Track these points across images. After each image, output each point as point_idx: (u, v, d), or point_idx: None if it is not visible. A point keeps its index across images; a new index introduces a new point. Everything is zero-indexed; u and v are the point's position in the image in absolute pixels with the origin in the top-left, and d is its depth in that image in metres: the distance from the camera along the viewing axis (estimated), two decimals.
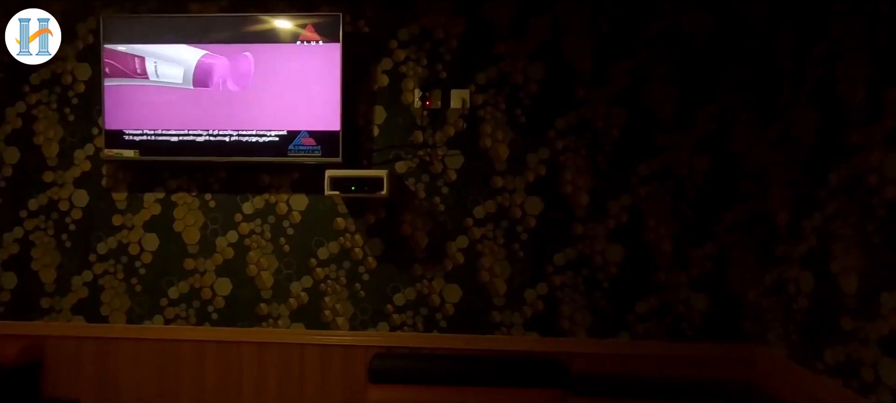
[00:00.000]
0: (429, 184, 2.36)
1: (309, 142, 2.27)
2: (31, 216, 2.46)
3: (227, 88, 2.29)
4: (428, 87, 2.35)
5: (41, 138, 2.46)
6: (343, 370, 2.36)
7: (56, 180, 2.45)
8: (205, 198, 2.42)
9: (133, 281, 2.43)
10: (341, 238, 2.39)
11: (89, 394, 2.42)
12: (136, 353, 2.41)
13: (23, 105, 2.46)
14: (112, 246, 2.44)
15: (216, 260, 2.42)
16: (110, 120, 2.32)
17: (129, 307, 2.43)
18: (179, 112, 2.30)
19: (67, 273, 2.45)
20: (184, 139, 2.31)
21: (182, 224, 2.43)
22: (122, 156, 2.32)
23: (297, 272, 2.40)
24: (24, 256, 2.46)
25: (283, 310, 2.40)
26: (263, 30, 2.29)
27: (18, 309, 2.46)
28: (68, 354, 2.43)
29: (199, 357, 2.40)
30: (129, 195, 2.44)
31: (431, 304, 2.36)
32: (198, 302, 2.42)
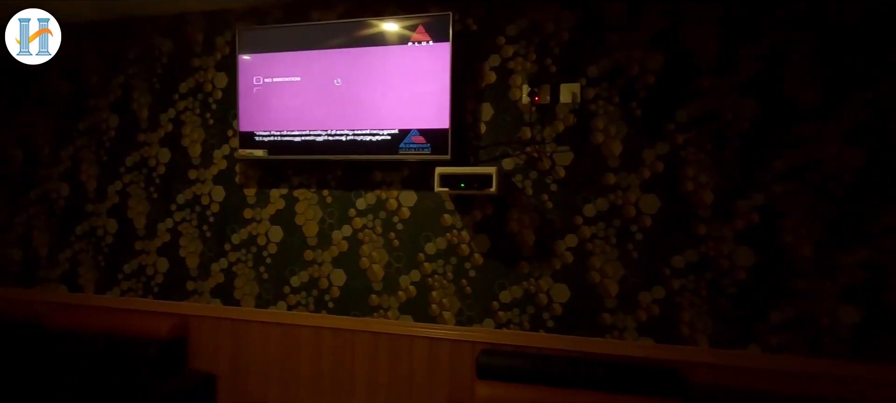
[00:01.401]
0: (536, 181, 2.20)
1: (419, 140, 2.20)
2: (179, 209, 2.64)
3: (344, 90, 2.28)
4: (536, 83, 2.18)
5: (187, 140, 2.62)
6: (450, 363, 2.27)
7: (199, 177, 2.61)
8: (322, 194, 2.45)
9: (261, 270, 2.52)
10: (448, 234, 2.30)
11: (225, 369, 2.54)
12: (263, 335, 2.50)
13: (173, 111, 2.65)
14: (244, 237, 2.54)
15: (332, 253, 2.43)
16: (243, 123, 2.41)
17: (257, 292, 2.52)
18: (302, 114, 2.34)
19: (207, 260, 2.59)
20: (306, 139, 2.34)
21: (303, 218, 2.47)
22: (253, 155, 2.41)
23: (406, 266, 2.34)
24: (173, 244, 2.64)
25: (393, 302, 2.36)
26: (376, 33, 2.25)
27: (169, 290, 2.65)
28: (208, 332, 2.57)
29: (317, 342, 2.43)
30: (258, 191, 2.52)
31: (538, 303, 2.20)
32: (316, 291, 2.45)
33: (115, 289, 2.72)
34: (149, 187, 2.67)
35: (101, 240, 2.75)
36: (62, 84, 2.81)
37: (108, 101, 2.74)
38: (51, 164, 2.83)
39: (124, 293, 2.71)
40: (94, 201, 2.76)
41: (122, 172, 2.71)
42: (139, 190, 2.69)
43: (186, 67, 2.61)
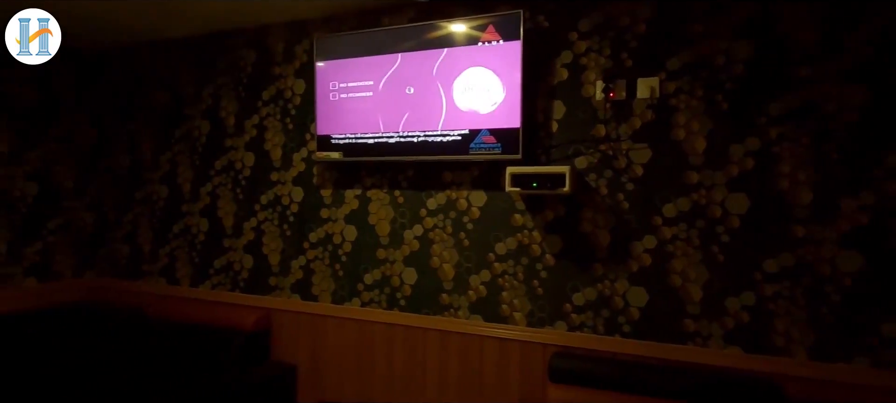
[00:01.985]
0: (611, 180, 2.08)
1: (489, 139, 2.15)
2: (263, 209, 2.75)
3: (415, 92, 2.28)
4: (611, 78, 2.06)
5: (269, 144, 2.73)
6: (521, 365, 2.20)
7: (279, 179, 2.71)
8: (394, 195, 2.46)
9: (336, 267, 2.57)
10: (519, 234, 2.23)
11: (304, 361, 2.62)
12: (339, 330, 2.55)
13: (257, 117, 2.77)
14: (320, 236, 2.61)
15: (404, 252, 2.44)
16: (320, 127, 2.46)
17: (333, 289, 2.58)
18: (375, 117, 2.36)
19: (288, 257, 2.68)
20: (378, 141, 2.36)
21: (375, 217, 2.49)
22: (330, 157, 2.46)
23: (477, 266, 2.30)
24: (257, 241, 2.76)
25: (463, 302, 2.32)
26: (446, 35, 2.22)
27: (254, 284, 2.77)
28: (289, 325, 2.67)
29: (390, 339, 2.44)
30: (334, 191, 2.58)
31: (614, 306, 2.08)
32: (388, 289, 2.46)
33: (207, 283, 2.89)
34: (235, 189, 2.81)
35: (194, 238, 2.92)
36: (162, 96, 3.02)
37: (200, 110, 2.91)
38: (152, 169, 3.05)
39: (215, 286, 2.86)
40: (189, 202, 2.94)
41: (212, 175, 2.87)
42: (227, 191, 2.83)
43: (268, 76, 2.72)
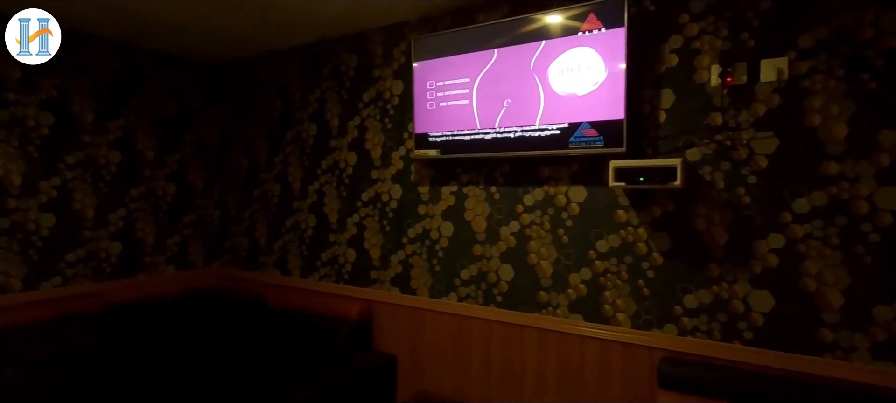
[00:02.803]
0: (730, 173, 1.89)
1: (590, 132, 2.06)
2: (364, 205, 2.88)
3: (512, 88, 2.24)
4: (729, 62, 1.87)
5: (370, 144, 2.85)
6: (624, 368, 2.08)
7: (379, 177, 2.81)
8: (490, 191, 2.44)
9: (433, 262, 2.62)
10: (622, 231, 2.11)
11: (404, 352, 2.70)
12: (436, 323, 2.60)
13: (358, 119, 2.90)
14: (418, 231, 2.67)
15: (500, 248, 2.42)
16: (418, 125, 2.52)
17: (430, 283, 2.63)
18: (471, 114, 2.36)
19: (387, 251, 2.78)
20: (474, 138, 2.35)
21: (472, 213, 2.50)
22: (427, 155, 2.51)
23: (576, 263, 2.21)
24: (359, 236, 2.90)
25: (562, 300, 2.25)
26: (542, 27, 2.15)
27: (356, 277, 2.91)
28: (389, 317, 2.76)
29: (487, 335, 2.44)
30: (431, 188, 2.63)
31: (732, 311, 1.89)
32: (485, 285, 2.46)
33: (315, 275, 3.08)
34: (339, 186, 2.97)
35: (304, 232, 3.14)
36: (275, 102, 3.27)
37: (307, 113, 3.11)
38: (267, 169, 3.32)
39: (322, 278, 3.05)
40: (299, 199, 3.16)
41: (319, 174, 3.05)
42: (332, 189, 3.00)
43: (368, 78, 2.83)
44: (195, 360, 2.94)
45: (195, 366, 2.88)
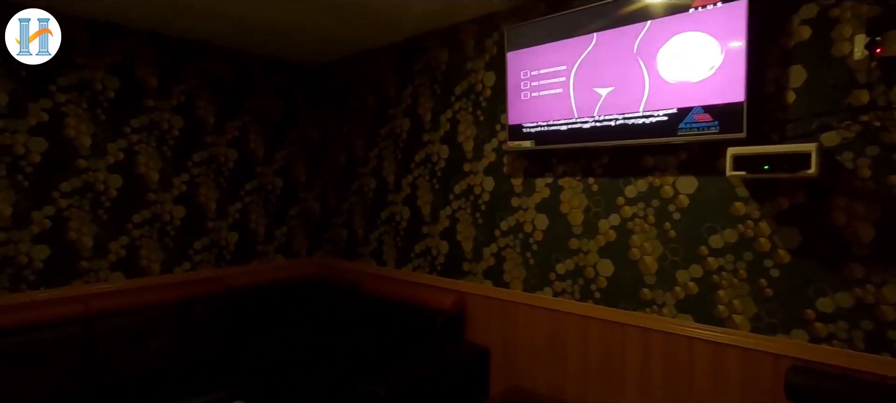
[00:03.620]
0: (878, 159, 1.63)
1: (703, 118, 1.88)
2: (456, 198, 2.89)
3: (612, 73, 2.12)
4: (878, 30, 1.61)
5: (462, 137, 2.85)
6: (742, 374, 1.89)
7: (472, 169, 2.81)
8: (588, 182, 2.34)
9: (527, 255, 2.57)
10: (740, 225, 1.91)
11: (497, 345, 2.68)
12: (530, 318, 2.54)
13: (450, 112, 2.91)
14: (511, 224, 2.63)
15: (599, 242, 2.30)
16: (512, 116, 2.47)
17: (524, 277, 2.58)
18: (567, 103, 2.27)
19: (480, 244, 2.78)
20: (571, 127, 2.26)
21: (568, 206, 2.41)
22: (521, 147, 2.45)
23: (685, 259, 2.05)
24: (452, 229, 2.92)
25: (668, 298, 2.10)
26: (649, 6, 2.01)
27: (449, 268, 2.94)
28: (481, 310, 2.76)
29: (584, 332, 2.34)
30: (524, 180, 2.57)
31: (880, 317, 1.64)
32: (582, 280, 2.36)
33: (409, 265, 3.16)
34: (432, 179, 3.01)
35: (398, 224, 3.23)
36: (371, 99, 3.39)
37: (401, 109, 3.18)
38: (363, 163, 3.46)
39: (415, 269, 3.12)
40: (393, 192, 3.25)
41: (413, 167, 3.12)
42: (425, 182, 3.05)
43: (461, 71, 2.83)
44: (301, 341, 3.15)
45: (301, 347, 3.08)
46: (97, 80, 2.77)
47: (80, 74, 2.71)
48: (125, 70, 2.87)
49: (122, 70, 2.86)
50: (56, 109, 2.64)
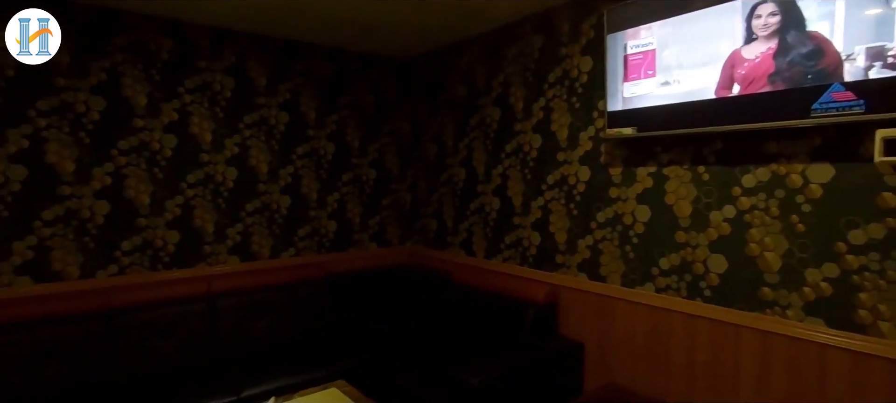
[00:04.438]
0: None
1: (844, 96, 1.65)
2: (549, 188, 2.82)
3: (727, 49, 1.93)
4: None
5: (556, 125, 2.76)
6: (890, 390, 1.65)
7: (566, 159, 2.71)
8: (697, 171, 2.16)
9: (627, 248, 2.44)
10: (890, 219, 1.66)
11: (592, 341, 2.59)
12: (629, 314, 2.42)
13: (543, 100, 2.83)
14: (609, 216, 2.51)
15: (710, 236, 2.12)
16: (611, 102, 2.34)
17: (623, 271, 2.45)
18: (674, 86, 2.10)
19: (574, 236, 2.68)
20: (679, 111, 2.08)
21: (673, 197, 2.25)
22: (621, 134, 2.32)
23: (816, 257, 1.82)
24: (544, 220, 2.85)
25: (795, 300, 1.88)
26: None
27: (541, 260, 2.88)
28: (575, 303, 2.67)
29: (690, 331, 2.18)
30: (624, 169, 2.44)
31: None
32: (689, 276, 2.20)
33: (498, 256, 3.14)
34: (524, 170, 2.95)
35: (488, 215, 3.22)
36: (460, 89, 3.40)
37: (491, 99, 3.16)
38: (453, 154, 3.49)
39: (505, 260, 3.10)
40: (483, 182, 3.25)
41: (503, 157, 3.09)
42: (516, 172, 3.00)
43: (554, 58, 2.74)
44: (395, 326, 3.26)
45: (395, 331, 3.19)
46: (216, 81, 3.05)
47: (202, 77, 3.00)
48: (239, 71, 3.12)
49: (237, 71, 3.12)
50: (183, 109, 2.94)
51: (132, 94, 2.78)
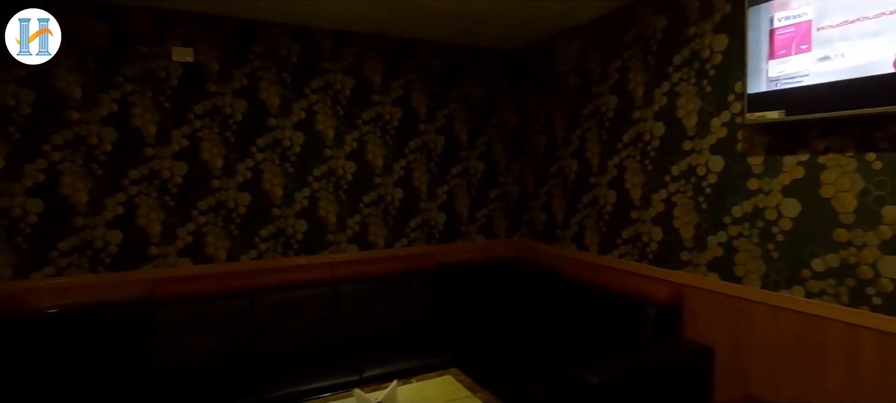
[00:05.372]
0: None
1: None
2: (674, 180, 2.61)
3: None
4: None
5: (682, 111, 2.55)
6: None
7: (694, 147, 2.49)
8: (864, 159, 1.85)
9: (769, 247, 2.18)
10: None
11: (723, 346, 2.35)
12: (771, 319, 2.16)
13: (667, 85, 2.62)
14: (747, 210, 2.26)
15: (881, 234, 1.82)
16: (752, 83, 2.09)
17: (764, 272, 2.20)
18: (836, 62, 1.83)
19: (703, 231, 2.46)
20: (840, 88, 1.81)
21: (832, 189, 1.96)
22: (765, 118, 2.06)
23: None
24: (667, 214, 2.64)
25: None
26: None
27: (663, 257, 2.68)
28: (704, 304, 2.45)
29: (853, 344, 1.88)
30: (767, 158, 2.17)
31: None
32: (852, 281, 1.90)
33: (614, 252, 2.99)
34: (643, 160, 2.77)
35: (602, 209, 3.07)
36: (572, 78, 3.28)
37: (607, 86, 3.00)
38: (564, 145, 3.38)
39: (622, 256, 2.94)
40: (597, 174, 3.11)
41: (620, 148, 2.92)
42: (634, 163, 2.83)
43: (681, 38, 2.53)
44: (504, 318, 3.26)
45: (505, 323, 3.19)
46: (337, 81, 3.26)
47: (326, 77, 3.22)
48: (356, 70, 3.31)
49: (355, 70, 3.30)
50: (310, 108, 3.19)
51: (267, 97, 3.07)
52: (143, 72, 2.77)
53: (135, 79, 2.76)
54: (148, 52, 2.77)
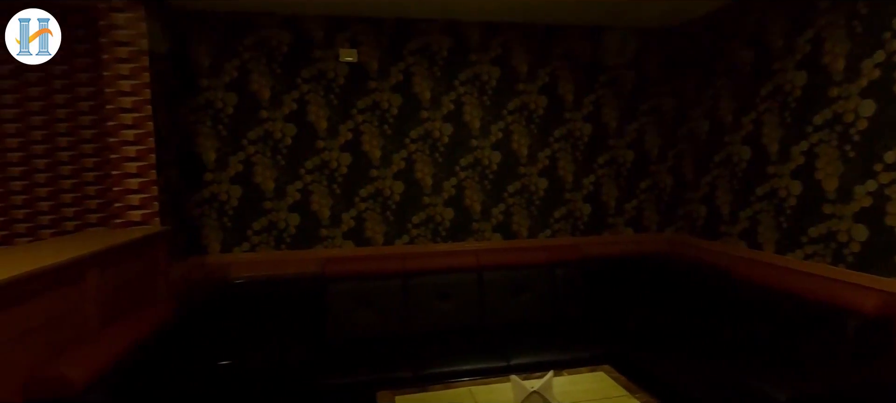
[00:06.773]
0: None
1: None
2: (886, 169, 2.17)
3: None
4: None
5: None
6: None
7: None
8: None
9: None
10: None
11: None
12: None
13: (881, 54, 2.18)
14: None
15: None
16: None
17: None
18: None
19: None
20: None
21: None
22: None
23: None
24: (876, 209, 2.20)
25: None
26: None
27: (869, 261, 2.25)
28: None
29: None
30: None
31: None
32: None
33: (798, 252, 2.60)
34: (842, 145, 2.35)
35: (783, 202, 2.69)
36: (745, 53, 2.91)
37: (794, 61, 2.60)
38: (733, 131, 3.02)
39: (809, 257, 2.54)
40: (776, 163, 2.72)
41: (809, 132, 2.52)
42: (830, 148, 2.42)
43: None
44: (660, 317, 3.03)
45: (661, 322, 2.97)
46: (484, 72, 3.31)
47: (473, 69, 3.29)
48: (503, 60, 3.32)
49: (501, 61, 3.32)
50: (458, 100, 3.29)
51: (420, 91, 3.24)
52: (317, 74, 3.11)
53: (310, 80, 3.11)
54: (321, 54, 3.10)
